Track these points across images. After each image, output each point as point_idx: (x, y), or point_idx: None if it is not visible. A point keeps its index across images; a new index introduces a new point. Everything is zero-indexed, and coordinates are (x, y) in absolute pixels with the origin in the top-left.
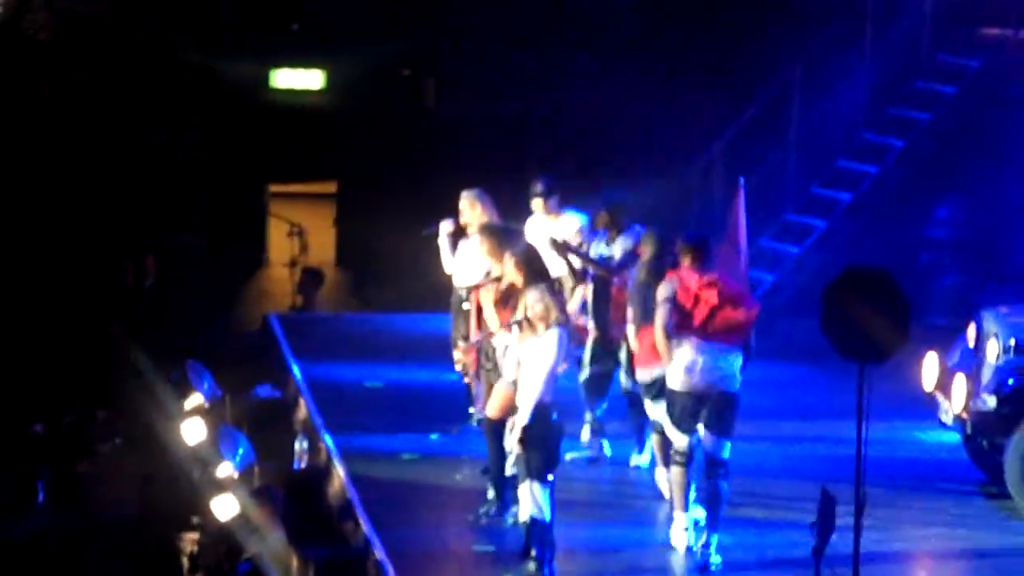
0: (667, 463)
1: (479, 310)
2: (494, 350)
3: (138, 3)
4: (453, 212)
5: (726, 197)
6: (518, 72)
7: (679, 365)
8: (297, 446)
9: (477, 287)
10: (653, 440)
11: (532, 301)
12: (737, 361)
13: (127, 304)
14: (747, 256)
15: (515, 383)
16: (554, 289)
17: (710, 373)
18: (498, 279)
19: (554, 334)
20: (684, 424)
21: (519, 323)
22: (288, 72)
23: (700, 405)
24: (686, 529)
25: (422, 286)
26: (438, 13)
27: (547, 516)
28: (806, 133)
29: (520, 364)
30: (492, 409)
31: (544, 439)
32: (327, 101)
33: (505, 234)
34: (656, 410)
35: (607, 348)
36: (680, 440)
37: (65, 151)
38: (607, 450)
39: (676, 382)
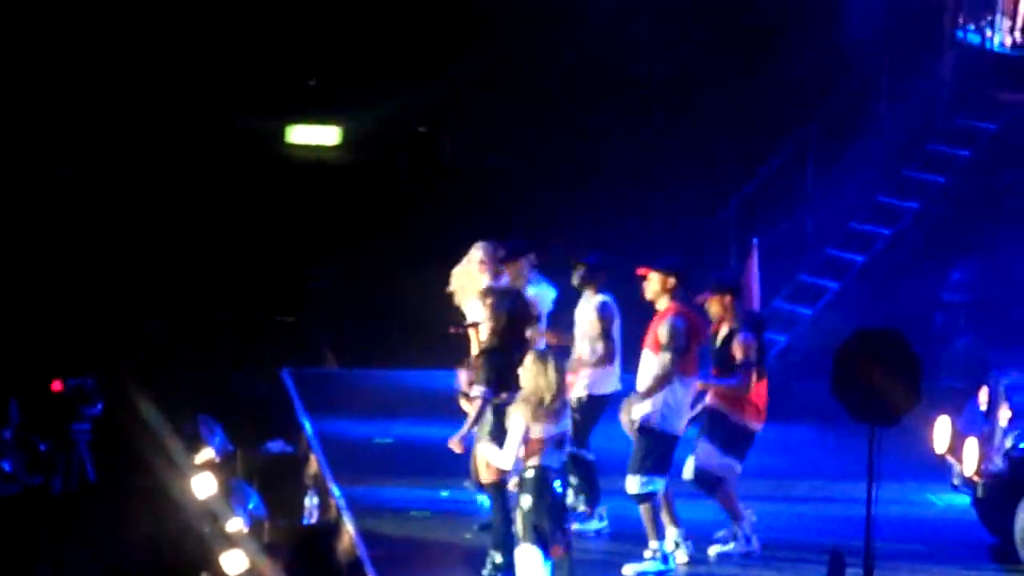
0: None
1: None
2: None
3: (156, 55)
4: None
5: (740, 257)
6: (534, 128)
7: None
8: (307, 501)
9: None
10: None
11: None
12: None
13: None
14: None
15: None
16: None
17: None
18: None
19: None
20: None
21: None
22: (304, 128)
23: None
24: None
25: (434, 340)
26: (454, 70)
27: None
28: (821, 194)
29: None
30: (483, 474)
31: (538, 506)
32: (343, 157)
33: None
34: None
35: None
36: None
37: (85, 192)
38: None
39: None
